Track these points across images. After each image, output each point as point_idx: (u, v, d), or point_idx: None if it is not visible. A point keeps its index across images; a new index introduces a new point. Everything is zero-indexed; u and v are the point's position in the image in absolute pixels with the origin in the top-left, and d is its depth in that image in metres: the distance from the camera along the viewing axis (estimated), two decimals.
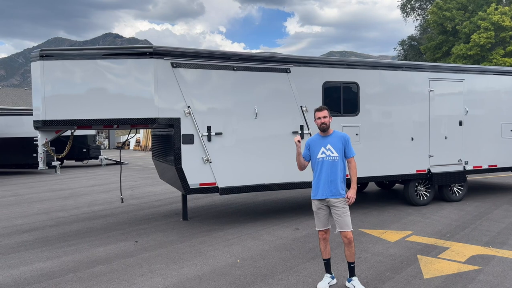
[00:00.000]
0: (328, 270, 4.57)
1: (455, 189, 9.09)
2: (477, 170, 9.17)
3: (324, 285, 4.43)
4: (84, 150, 20.57)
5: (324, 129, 4.47)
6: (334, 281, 4.55)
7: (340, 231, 4.38)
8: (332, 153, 4.40)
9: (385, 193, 10.59)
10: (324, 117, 4.43)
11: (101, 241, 6.44)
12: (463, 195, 9.15)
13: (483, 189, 10.94)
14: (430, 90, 8.55)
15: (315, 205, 4.51)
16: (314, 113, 4.54)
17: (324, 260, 4.56)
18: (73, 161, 21.64)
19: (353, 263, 4.41)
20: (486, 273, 4.79)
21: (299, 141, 4.46)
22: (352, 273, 4.44)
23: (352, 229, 4.39)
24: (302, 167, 4.66)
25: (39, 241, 6.55)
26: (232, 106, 6.99)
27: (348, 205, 4.40)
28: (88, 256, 5.66)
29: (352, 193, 4.39)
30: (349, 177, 4.52)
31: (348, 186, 4.49)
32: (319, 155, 4.45)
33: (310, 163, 4.64)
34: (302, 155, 4.60)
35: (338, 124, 7.48)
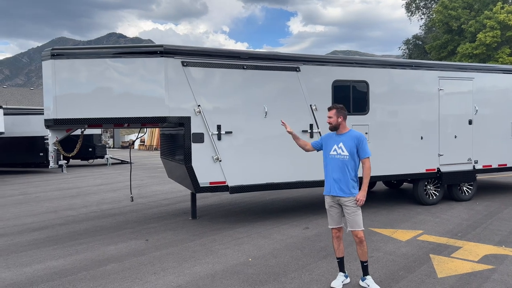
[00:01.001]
0: (341, 268, 4.55)
1: (464, 188, 9.05)
2: (487, 170, 9.13)
3: (338, 284, 4.42)
4: (90, 149, 20.63)
5: (330, 128, 4.53)
6: (348, 279, 4.53)
7: (351, 230, 4.37)
8: (343, 151, 4.39)
9: (393, 192, 10.56)
10: (330, 117, 4.49)
11: (112, 239, 6.45)
12: (473, 194, 9.11)
13: (492, 188, 10.88)
14: (440, 89, 8.51)
15: (327, 202, 4.53)
16: None
17: (337, 258, 4.54)
18: (79, 160, 21.71)
19: (366, 262, 4.39)
20: (501, 273, 4.76)
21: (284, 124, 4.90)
22: (365, 272, 4.42)
23: (363, 229, 4.35)
24: (305, 150, 4.91)
25: (50, 239, 6.57)
26: (241, 105, 6.98)
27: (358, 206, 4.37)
28: (100, 255, 5.67)
29: (361, 195, 4.31)
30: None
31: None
32: (331, 152, 4.47)
33: (322, 159, 4.66)
34: (312, 144, 4.77)
35: (347, 123, 7.35)
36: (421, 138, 8.36)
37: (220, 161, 6.78)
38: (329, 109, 4.53)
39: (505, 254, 5.43)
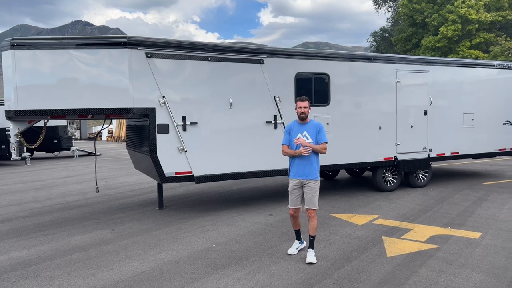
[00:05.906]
0: (298, 237, 5.22)
1: (420, 175, 9.59)
2: (441, 158, 9.70)
3: (293, 251, 5.11)
4: (55, 141, 20.15)
5: (303, 118, 4.95)
6: (303, 244, 5.21)
7: (306, 208, 4.93)
8: (307, 139, 4.89)
9: (355, 180, 11.02)
10: (305, 107, 4.92)
11: (77, 230, 6.50)
12: (428, 181, 9.66)
13: (446, 175, 11.54)
14: (397, 81, 8.94)
15: (291, 185, 5.01)
16: (296, 102, 5.00)
17: (294, 230, 5.25)
18: (44, 152, 21.17)
19: (313, 236, 4.96)
20: (444, 251, 5.18)
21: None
22: (311, 245, 4.98)
23: (317, 208, 4.94)
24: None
25: (13, 231, 6.54)
26: (207, 96, 7.12)
27: (301, 144, 4.80)
28: (65, 245, 5.73)
29: (307, 144, 4.80)
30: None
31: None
32: (295, 140, 4.90)
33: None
34: (284, 140, 5.05)
35: (310, 114, 7.70)
36: (380, 128, 8.78)
37: (186, 151, 6.92)
38: (302, 100, 4.95)
39: (450, 234, 5.89)
